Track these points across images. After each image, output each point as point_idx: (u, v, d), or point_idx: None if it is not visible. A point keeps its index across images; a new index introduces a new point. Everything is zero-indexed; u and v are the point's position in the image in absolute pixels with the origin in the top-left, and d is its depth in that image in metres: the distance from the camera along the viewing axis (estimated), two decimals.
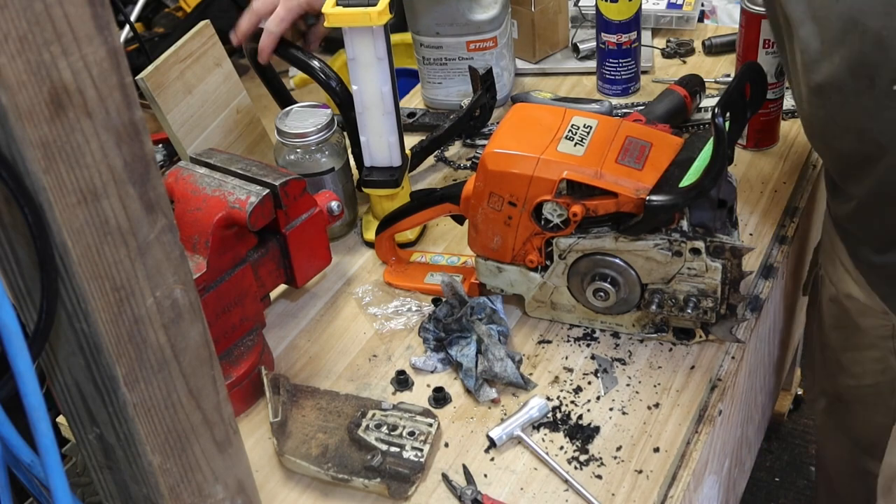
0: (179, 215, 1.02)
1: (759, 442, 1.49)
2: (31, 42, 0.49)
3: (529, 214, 1.04)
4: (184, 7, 3.16)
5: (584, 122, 1.07)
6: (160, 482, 0.66)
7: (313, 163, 1.24)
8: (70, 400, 0.65)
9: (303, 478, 0.99)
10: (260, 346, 1.08)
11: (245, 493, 0.76)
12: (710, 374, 1.06)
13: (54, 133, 0.52)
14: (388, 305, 1.19)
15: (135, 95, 0.56)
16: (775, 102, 1.35)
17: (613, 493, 0.94)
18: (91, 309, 0.57)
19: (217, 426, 0.70)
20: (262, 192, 1.02)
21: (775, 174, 1.35)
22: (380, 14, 1.11)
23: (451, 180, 1.40)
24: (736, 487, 1.34)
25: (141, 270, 0.59)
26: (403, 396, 1.07)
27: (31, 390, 0.56)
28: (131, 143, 0.56)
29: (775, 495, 2.07)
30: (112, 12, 0.52)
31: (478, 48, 1.48)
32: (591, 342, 1.11)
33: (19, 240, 0.56)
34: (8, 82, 0.49)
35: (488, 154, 1.05)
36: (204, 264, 1.00)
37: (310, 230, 1.12)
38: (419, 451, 0.96)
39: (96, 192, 0.55)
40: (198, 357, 0.66)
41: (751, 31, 1.30)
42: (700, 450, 1.00)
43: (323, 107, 1.26)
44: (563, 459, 0.98)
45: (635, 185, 0.99)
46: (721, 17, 2.04)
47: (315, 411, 1.03)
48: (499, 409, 1.04)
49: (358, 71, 1.18)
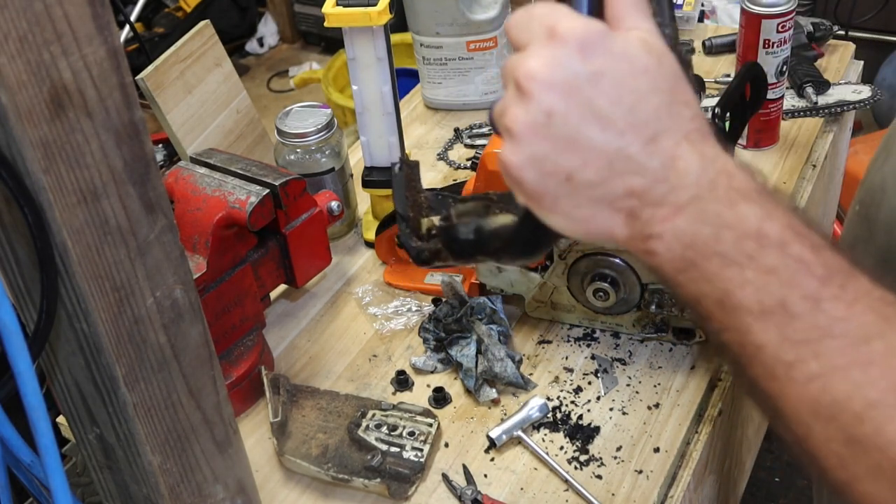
0: (179, 215, 1.02)
1: (759, 442, 1.49)
2: (31, 42, 0.49)
3: None
4: (184, 7, 3.17)
5: None
6: (160, 482, 0.66)
7: (313, 163, 1.24)
8: (70, 400, 0.65)
9: (303, 478, 0.99)
10: (260, 346, 1.08)
11: (245, 493, 0.76)
12: (710, 374, 1.06)
13: (54, 133, 0.52)
14: (388, 305, 1.19)
15: (135, 95, 0.56)
16: (775, 102, 1.35)
17: (613, 494, 0.94)
18: (91, 309, 0.57)
19: (217, 426, 0.70)
20: (262, 192, 1.02)
21: (775, 174, 1.35)
22: (380, 14, 1.11)
23: (451, 180, 1.40)
24: (736, 487, 1.34)
25: (141, 270, 0.59)
26: (403, 396, 1.07)
27: (31, 390, 0.56)
28: (131, 143, 0.56)
29: (775, 495, 2.07)
30: (112, 12, 0.53)
31: (478, 48, 1.48)
32: (591, 342, 1.11)
33: (19, 240, 0.56)
34: (8, 82, 0.49)
35: (488, 154, 1.05)
36: (204, 264, 1.00)
37: (310, 230, 1.12)
38: (419, 451, 0.96)
39: (96, 192, 0.55)
40: (198, 357, 0.66)
41: (751, 31, 1.30)
42: (700, 450, 1.00)
43: (323, 107, 1.26)
44: (563, 459, 0.98)
45: None
46: (721, 17, 2.05)
47: (315, 411, 1.03)
48: (499, 409, 1.04)
49: (358, 71, 1.18)
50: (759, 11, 1.28)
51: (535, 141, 0.54)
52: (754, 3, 1.29)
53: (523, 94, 0.54)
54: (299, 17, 3.43)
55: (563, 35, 0.54)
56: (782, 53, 1.31)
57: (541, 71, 0.54)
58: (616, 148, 0.54)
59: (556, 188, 0.55)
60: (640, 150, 0.54)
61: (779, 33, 1.29)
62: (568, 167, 0.54)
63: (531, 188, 0.56)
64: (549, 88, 0.53)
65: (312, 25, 3.39)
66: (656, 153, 0.54)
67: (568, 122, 0.53)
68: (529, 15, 0.57)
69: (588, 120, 0.53)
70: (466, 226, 0.68)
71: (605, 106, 0.53)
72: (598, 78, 0.53)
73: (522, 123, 0.54)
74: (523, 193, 0.57)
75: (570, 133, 0.54)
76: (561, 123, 0.53)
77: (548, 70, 0.53)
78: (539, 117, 0.54)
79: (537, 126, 0.54)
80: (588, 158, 0.54)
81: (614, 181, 0.55)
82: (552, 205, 0.56)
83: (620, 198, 0.55)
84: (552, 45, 0.54)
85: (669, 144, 0.54)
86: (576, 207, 0.56)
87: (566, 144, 0.54)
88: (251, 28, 3.42)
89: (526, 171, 0.55)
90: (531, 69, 0.54)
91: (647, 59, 0.55)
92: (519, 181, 0.56)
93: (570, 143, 0.54)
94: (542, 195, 0.56)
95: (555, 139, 0.54)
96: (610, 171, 0.54)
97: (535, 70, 0.54)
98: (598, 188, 0.55)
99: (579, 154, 0.54)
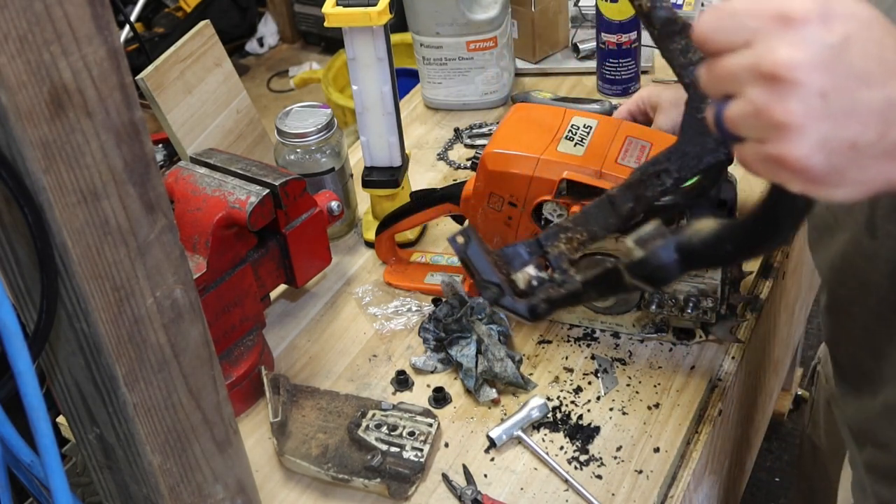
0: (179, 215, 1.02)
1: (759, 442, 1.49)
2: (31, 42, 0.49)
3: (530, 215, 1.04)
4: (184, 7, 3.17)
5: (584, 122, 1.07)
6: (160, 482, 0.66)
7: (313, 163, 1.24)
8: (70, 400, 0.65)
9: (303, 478, 0.99)
10: (260, 346, 1.08)
11: (245, 493, 0.76)
12: (710, 374, 1.06)
13: (54, 133, 0.52)
14: (388, 305, 1.19)
15: (135, 95, 0.56)
16: None
17: (613, 494, 0.94)
18: (91, 309, 0.57)
19: (217, 426, 0.70)
20: (262, 192, 1.02)
21: None
22: (380, 14, 1.11)
23: (452, 180, 1.40)
24: (736, 487, 1.34)
25: (141, 270, 0.59)
26: (403, 396, 1.07)
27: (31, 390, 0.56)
28: (131, 143, 0.56)
29: (775, 495, 2.07)
30: (112, 12, 0.52)
31: (478, 48, 1.48)
32: (591, 342, 1.11)
33: (19, 240, 0.56)
34: (8, 82, 0.49)
35: (488, 154, 1.05)
36: (204, 264, 1.00)
37: (310, 230, 1.12)
38: (419, 451, 0.96)
39: (96, 192, 0.55)
40: (198, 357, 0.66)
41: None
42: (700, 450, 1.00)
43: (323, 107, 1.26)
44: (563, 459, 0.98)
45: None
46: None
47: (315, 411, 1.03)
48: (499, 409, 1.04)
49: (358, 71, 1.18)
50: None
51: (817, 124, 0.54)
52: None
53: (788, 84, 0.54)
54: (299, 17, 3.43)
55: (801, 15, 0.54)
56: None
57: (799, 56, 0.53)
58: (884, 98, 0.54)
59: (842, 162, 0.55)
60: None
61: None
62: (851, 136, 0.55)
63: (820, 172, 0.56)
64: (813, 70, 0.53)
65: (312, 25, 3.38)
66: None
67: (842, 95, 0.54)
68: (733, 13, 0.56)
69: (856, 84, 0.54)
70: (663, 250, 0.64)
71: (862, 65, 0.54)
72: (846, 43, 0.54)
73: (800, 113, 0.54)
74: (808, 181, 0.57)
75: (845, 104, 0.54)
76: (836, 98, 0.54)
77: (806, 53, 0.53)
78: (814, 101, 0.54)
79: (815, 110, 0.54)
80: (866, 119, 0.55)
81: (891, 132, 0.55)
82: (839, 180, 0.56)
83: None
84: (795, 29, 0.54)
85: None
86: (861, 172, 0.56)
87: (845, 116, 0.54)
88: (251, 28, 3.42)
89: (814, 157, 0.55)
90: (790, 59, 0.53)
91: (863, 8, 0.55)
92: (805, 170, 0.56)
93: (849, 113, 0.54)
94: (829, 175, 0.56)
95: (834, 115, 0.54)
96: (885, 123, 0.55)
97: (793, 58, 0.53)
98: (879, 144, 0.55)
99: (857, 119, 0.54)
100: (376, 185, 1.25)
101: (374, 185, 1.25)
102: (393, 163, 1.25)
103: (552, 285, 0.78)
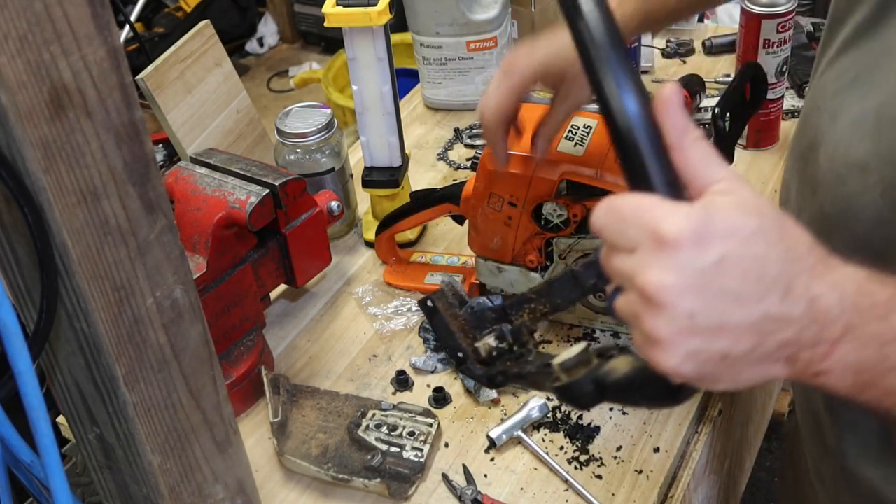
0: (179, 215, 1.02)
1: (759, 442, 1.49)
2: (31, 42, 0.49)
3: (529, 215, 1.04)
4: (184, 7, 3.17)
5: (584, 122, 1.07)
6: (160, 482, 0.66)
7: (313, 163, 1.24)
8: (70, 400, 0.65)
9: (303, 478, 0.99)
10: (260, 346, 1.08)
11: (245, 493, 0.76)
12: None
13: (54, 133, 0.52)
14: (388, 305, 1.19)
15: (135, 95, 0.56)
16: (775, 102, 1.35)
17: (613, 494, 0.94)
18: (91, 309, 0.57)
19: (217, 426, 0.70)
20: (262, 192, 1.02)
21: (775, 174, 1.35)
22: (380, 14, 1.11)
23: (452, 180, 1.40)
24: (736, 487, 1.34)
25: (141, 270, 0.59)
26: (403, 396, 1.07)
27: (31, 390, 0.56)
28: (131, 143, 0.56)
29: (775, 495, 2.07)
30: (112, 12, 0.52)
31: (478, 48, 1.48)
32: (591, 342, 1.11)
33: (19, 240, 0.56)
34: (8, 82, 0.49)
35: (488, 154, 1.05)
36: (204, 264, 1.00)
37: (310, 230, 1.12)
38: (419, 451, 0.96)
39: (96, 192, 0.55)
40: (198, 357, 0.66)
41: (751, 31, 1.30)
42: (700, 450, 1.00)
43: (323, 107, 1.26)
44: (563, 459, 0.98)
45: None
46: (721, 17, 2.04)
47: (315, 411, 1.03)
48: (499, 409, 1.04)
49: (358, 71, 1.18)
50: (759, 11, 1.28)
51: (686, 341, 0.55)
52: (754, 3, 1.29)
53: (658, 304, 0.55)
54: (299, 17, 3.43)
55: (673, 239, 0.54)
56: (782, 53, 1.31)
57: (669, 281, 0.54)
58: (759, 315, 0.55)
59: (714, 369, 0.57)
60: (780, 306, 0.55)
61: (779, 33, 1.29)
62: (721, 349, 0.56)
63: (692, 376, 0.57)
64: (682, 293, 0.54)
65: (312, 25, 3.39)
66: (795, 301, 0.55)
67: (710, 315, 0.55)
68: (620, 216, 0.57)
69: (727, 304, 0.55)
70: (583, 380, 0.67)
71: (736, 285, 0.54)
72: (720, 264, 0.54)
73: (669, 332, 0.55)
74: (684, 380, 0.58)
75: (714, 322, 0.55)
76: (704, 318, 0.55)
77: (676, 278, 0.54)
78: (683, 322, 0.55)
79: (683, 329, 0.55)
80: (737, 335, 0.55)
81: (766, 342, 0.56)
82: (713, 381, 0.58)
83: (776, 351, 0.57)
84: (667, 253, 0.54)
85: (803, 288, 0.56)
86: (736, 375, 0.58)
87: (714, 332, 0.55)
88: (251, 28, 3.43)
89: (684, 366, 0.56)
90: (660, 282, 0.54)
91: (749, 220, 0.55)
92: (679, 376, 0.58)
93: (718, 330, 0.55)
94: (702, 378, 0.58)
95: (702, 333, 0.55)
96: (760, 335, 0.56)
97: (663, 282, 0.54)
98: (753, 353, 0.56)
99: (728, 335, 0.55)
100: (376, 185, 1.25)
101: (374, 185, 1.25)
102: (393, 163, 1.25)
103: (510, 357, 0.82)
